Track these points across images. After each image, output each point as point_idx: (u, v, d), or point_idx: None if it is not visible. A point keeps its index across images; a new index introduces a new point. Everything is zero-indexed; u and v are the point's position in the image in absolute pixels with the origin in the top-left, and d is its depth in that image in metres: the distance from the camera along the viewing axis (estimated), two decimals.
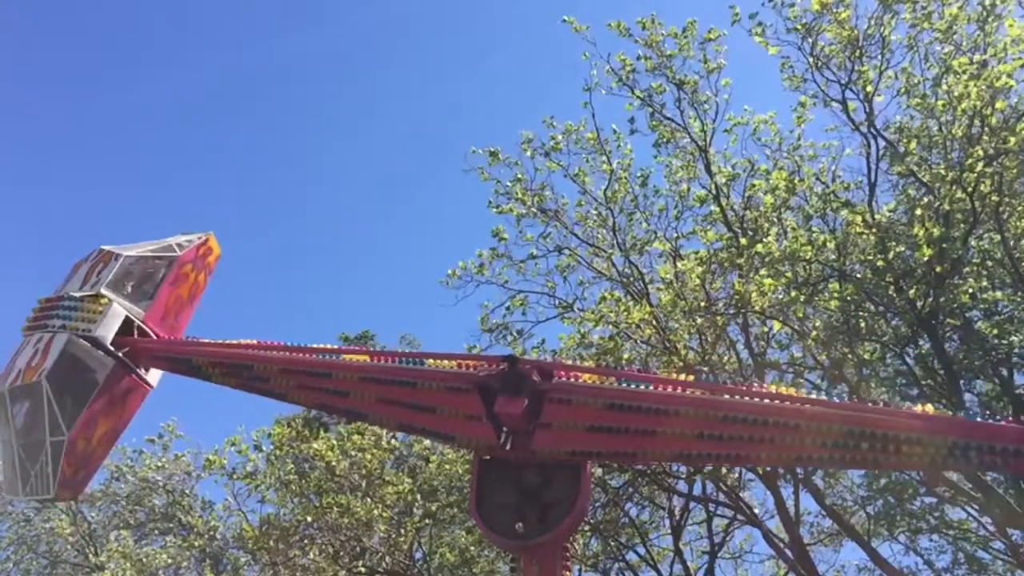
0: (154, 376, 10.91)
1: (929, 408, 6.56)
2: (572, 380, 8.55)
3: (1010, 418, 6.49)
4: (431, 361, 9.37)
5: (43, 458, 10.43)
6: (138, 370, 10.75)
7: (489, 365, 8.99)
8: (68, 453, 10.30)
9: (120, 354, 10.51)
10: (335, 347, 9.92)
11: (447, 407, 9.06)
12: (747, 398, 7.56)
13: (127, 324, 10.62)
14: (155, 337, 10.84)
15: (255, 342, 10.32)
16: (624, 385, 8.26)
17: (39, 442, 10.43)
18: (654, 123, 18.75)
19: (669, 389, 8.08)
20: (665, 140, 18.89)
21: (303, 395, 9.94)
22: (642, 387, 8.15)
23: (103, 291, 10.84)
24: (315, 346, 9.93)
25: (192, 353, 10.52)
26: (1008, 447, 6.46)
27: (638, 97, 18.45)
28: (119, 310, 10.58)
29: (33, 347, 10.72)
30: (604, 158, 18.93)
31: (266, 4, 68.37)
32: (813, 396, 7.35)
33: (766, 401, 7.46)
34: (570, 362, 16.54)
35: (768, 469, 18.48)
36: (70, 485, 10.43)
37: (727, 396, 7.63)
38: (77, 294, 10.89)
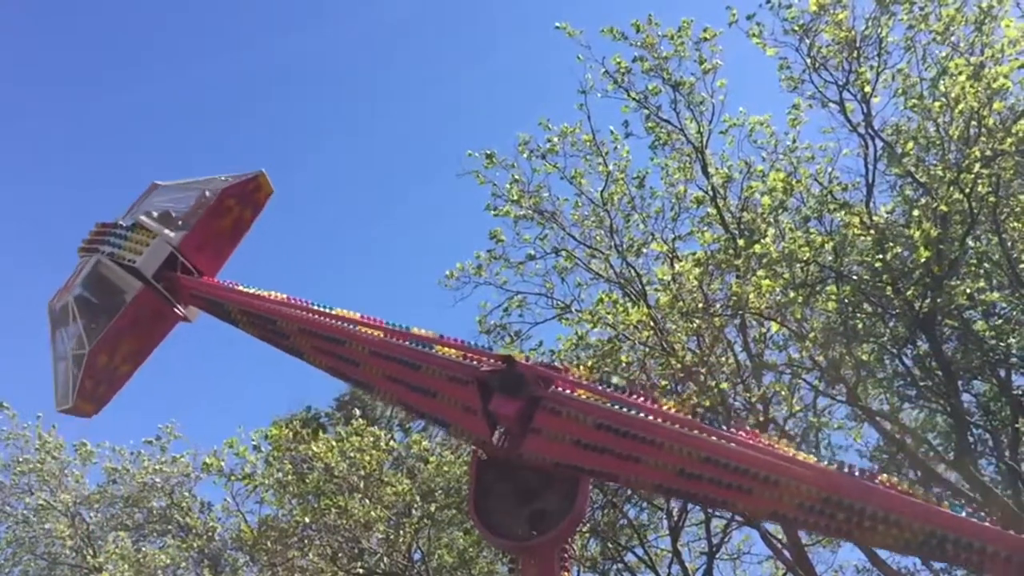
0: (193, 312, 11.22)
1: (916, 491, 6.27)
2: (569, 392, 8.54)
3: (994, 519, 6.13)
4: (439, 348, 9.43)
5: (69, 371, 10.92)
6: (177, 305, 11.08)
7: (493, 361, 9.07)
8: (88, 366, 10.72)
9: (161, 287, 10.84)
10: (356, 315, 10.01)
11: (447, 395, 9.13)
12: (733, 444, 7.47)
13: (172, 258, 10.91)
14: (197, 274, 11.06)
15: (284, 297, 10.48)
16: (617, 408, 8.23)
17: (65, 356, 10.99)
18: (650, 125, 18.75)
19: (660, 420, 8.01)
20: (662, 142, 18.90)
21: (318, 357, 10.07)
22: (633, 412, 8.12)
23: (143, 219, 11.20)
24: (337, 311, 10.07)
25: (225, 298, 10.69)
26: (999, 552, 5.93)
27: (634, 99, 18.44)
28: (164, 245, 10.86)
29: (78, 269, 11.31)
30: (600, 160, 18.92)
31: (265, 4, 68.37)
32: (804, 455, 7.22)
33: (750, 451, 7.36)
34: (570, 364, 16.57)
35: None
36: (90, 398, 10.88)
37: (714, 438, 7.57)
38: (126, 223, 11.25)
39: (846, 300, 16.77)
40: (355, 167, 67.67)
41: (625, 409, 8.20)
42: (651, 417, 8.02)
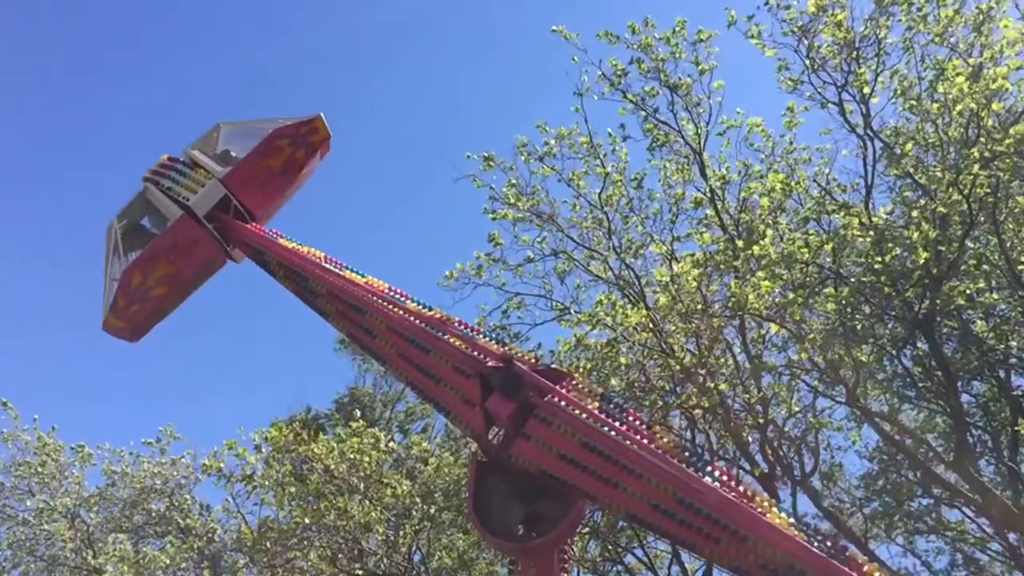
0: (240, 255, 11.54)
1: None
2: (563, 404, 8.58)
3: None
4: (451, 338, 9.40)
5: (108, 289, 11.41)
6: (227, 247, 11.37)
7: (502, 356, 9.13)
8: (122, 284, 11.15)
9: (212, 228, 11.18)
10: (385, 287, 10.20)
11: (450, 384, 9.27)
12: (711, 490, 7.47)
13: (227, 200, 11.24)
14: (249, 217, 11.38)
15: (322, 256, 10.70)
16: (606, 429, 8.24)
17: (112, 276, 11.46)
18: (648, 126, 18.74)
19: (645, 451, 8.01)
20: (659, 144, 18.89)
21: (341, 322, 10.35)
22: (619, 437, 8.13)
23: (201, 158, 11.59)
24: (368, 278, 10.30)
25: (267, 248, 10.96)
26: None
27: (631, 101, 18.44)
28: (218, 186, 11.18)
29: (135, 197, 11.78)
30: (598, 161, 18.91)
31: (263, 5, 68.33)
32: (776, 513, 7.25)
33: (725, 501, 7.35)
34: (572, 369, 16.56)
35: (765, 471, 18.52)
36: (122, 315, 11.25)
37: (694, 479, 7.57)
38: (185, 159, 11.67)
39: (845, 301, 16.76)
40: (352, 168, 67.62)
41: (614, 432, 8.22)
42: (636, 446, 8.04)
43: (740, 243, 17.26)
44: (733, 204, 18.75)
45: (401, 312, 9.68)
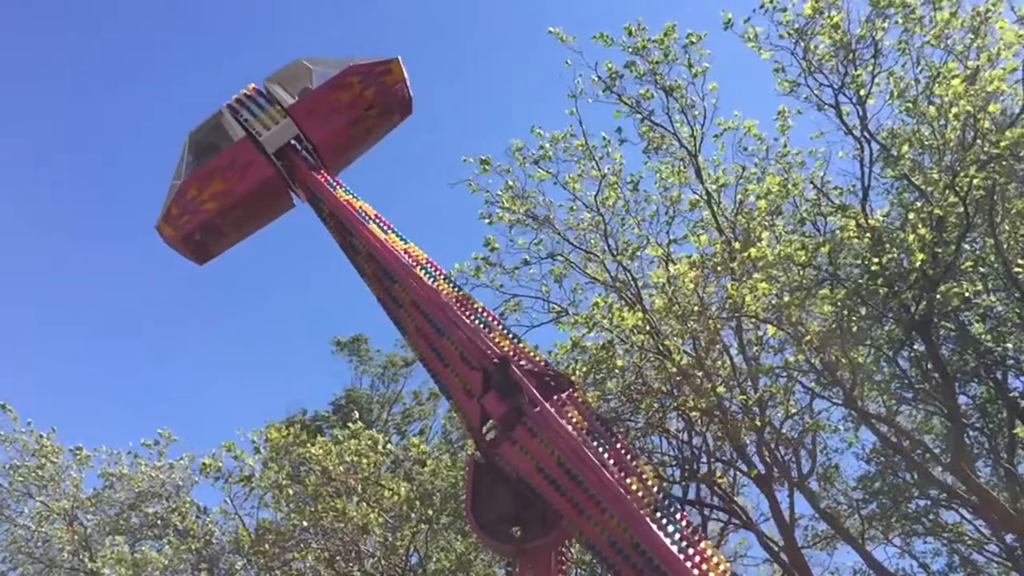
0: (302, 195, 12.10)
1: None
2: (550, 419, 8.67)
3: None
4: (465, 325, 9.71)
5: (167, 197, 12.14)
6: (292, 185, 12.01)
7: (501, 356, 9.29)
8: (178, 194, 11.91)
9: (279, 164, 11.84)
10: (424, 257, 10.57)
11: (456, 370, 9.65)
12: (658, 545, 7.57)
13: (299, 139, 11.91)
14: (317, 158, 11.96)
15: (372, 213, 11.16)
16: (586, 453, 8.30)
17: (170, 183, 12.19)
18: (644, 129, 18.72)
19: (616, 490, 8.06)
20: (655, 147, 18.88)
21: (375, 285, 10.79)
22: (596, 467, 8.20)
23: (279, 93, 12.13)
24: (410, 245, 10.72)
25: (323, 196, 11.43)
26: None
27: (626, 104, 18.43)
28: (291, 126, 11.79)
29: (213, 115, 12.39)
30: (594, 164, 18.90)
31: (262, 6, 68.33)
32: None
33: (681, 558, 7.39)
34: (564, 369, 16.57)
35: (763, 472, 18.53)
36: (173, 223, 11.94)
37: (651, 532, 7.64)
38: (267, 95, 12.15)
39: (842, 303, 16.76)
40: (348, 169, 67.39)
41: (592, 458, 8.27)
42: (611, 479, 8.07)
43: (737, 245, 17.26)
44: (729, 207, 18.75)
45: (428, 289, 9.96)
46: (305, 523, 22.15)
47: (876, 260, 16.23)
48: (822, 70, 17.19)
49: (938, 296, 15.80)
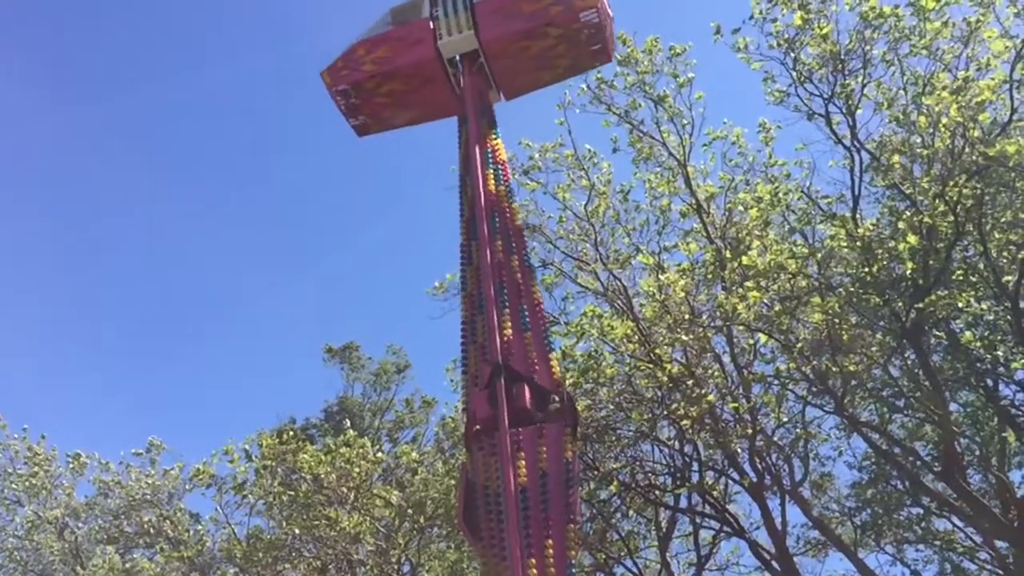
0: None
1: None
2: (504, 452, 9.19)
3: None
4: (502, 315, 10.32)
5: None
6: (456, 88, 12.76)
7: (522, 357, 9.95)
8: (347, 51, 12.87)
9: (451, 72, 12.66)
10: (518, 228, 11.55)
11: (470, 356, 10.36)
12: None
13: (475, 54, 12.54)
14: (487, 60, 12.58)
15: (501, 159, 12.31)
16: (510, 507, 8.75)
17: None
18: (633, 139, 18.77)
19: (512, 553, 8.59)
20: (644, 156, 18.92)
21: (462, 230, 11.49)
22: (501, 520, 8.92)
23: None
24: (511, 206, 11.91)
25: (469, 111, 12.32)
26: None
27: (615, 114, 18.50)
28: (471, 39, 12.37)
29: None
30: (583, 173, 18.98)
31: (263, 7, 68.32)
32: None
33: None
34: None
35: (755, 480, 18.54)
36: (335, 75, 12.87)
37: None
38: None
39: (833, 312, 16.80)
40: (343, 175, 67.57)
41: (510, 511, 8.67)
42: (507, 539, 8.57)
43: (728, 253, 17.30)
44: (719, 216, 18.80)
45: (494, 260, 10.58)
46: (297, 532, 22.11)
47: (866, 269, 16.27)
48: (812, 80, 17.24)
49: (922, 306, 15.82)
